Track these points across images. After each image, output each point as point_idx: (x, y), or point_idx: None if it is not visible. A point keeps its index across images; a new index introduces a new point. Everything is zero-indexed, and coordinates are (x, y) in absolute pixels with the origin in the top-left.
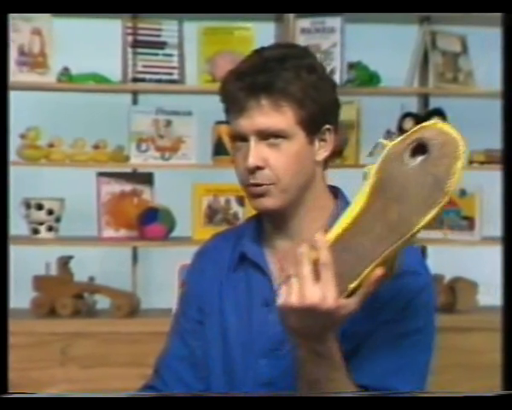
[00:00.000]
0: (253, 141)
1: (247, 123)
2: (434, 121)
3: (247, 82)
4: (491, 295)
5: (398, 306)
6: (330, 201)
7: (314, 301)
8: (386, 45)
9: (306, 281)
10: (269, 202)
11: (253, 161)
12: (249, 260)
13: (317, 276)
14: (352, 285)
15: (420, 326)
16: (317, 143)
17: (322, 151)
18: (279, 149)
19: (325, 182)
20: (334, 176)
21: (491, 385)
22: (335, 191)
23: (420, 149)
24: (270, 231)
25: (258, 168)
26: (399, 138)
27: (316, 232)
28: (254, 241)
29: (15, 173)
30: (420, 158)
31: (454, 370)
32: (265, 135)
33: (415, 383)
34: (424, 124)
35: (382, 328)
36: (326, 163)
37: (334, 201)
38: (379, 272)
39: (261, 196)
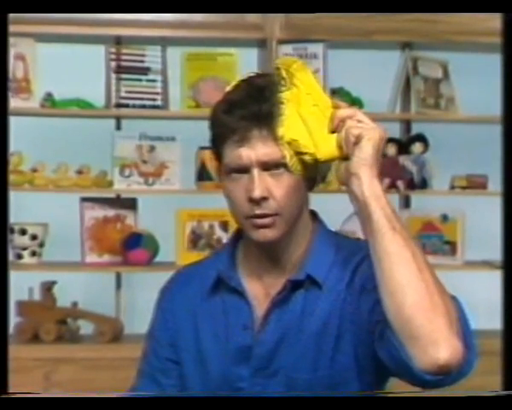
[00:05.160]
0: (256, 171)
1: (249, 153)
2: None
3: (250, 111)
4: (473, 319)
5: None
6: (311, 224)
7: (384, 130)
8: (369, 71)
9: (369, 119)
10: (272, 234)
11: (258, 192)
12: (225, 284)
13: None
14: None
15: None
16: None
17: (311, 181)
18: (281, 179)
19: (308, 208)
20: (318, 201)
21: None
22: (313, 214)
23: None
24: (255, 256)
25: (263, 199)
26: None
27: (298, 257)
28: (230, 266)
29: None
30: None
31: None
32: (268, 166)
33: None
34: None
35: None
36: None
37: (313, 224)
38: None
39: (266, 227)
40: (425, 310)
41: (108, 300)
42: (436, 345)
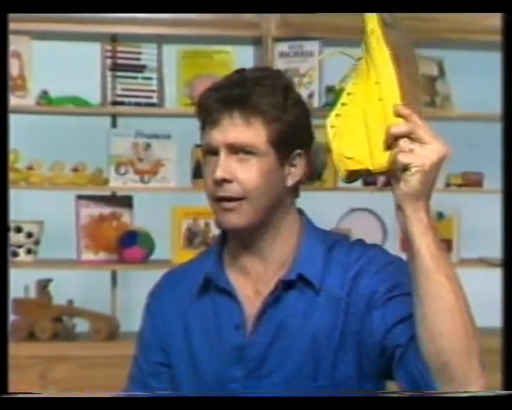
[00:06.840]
0: (222, 154)
1: (218, 135)
2: None
3: (222, 94)
4: None
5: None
6: (297, 223)
7: (447, 149)
8: None
9: (429, 137)
10: (238, 219)
11: (220, 173)
12: (214, 285)
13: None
14: None
15: None
16: (287, 168)
17: (292, 176)
18: (248, 164)
19: (295, 206)
20: (313, 198)
21: None
22: (300, 213)
23: None
24: (240, 253)
25: (226, 181)
26: None
27: (286, 254)
28: (218, 266)
29: None
30: None
31: None
32: (236, 149)
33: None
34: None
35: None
36: (297, 189)
37: (300, 221)
38: None
39: (230, 210)
40: (463, 355)
41: (104, 298)
42: (468, 386)
